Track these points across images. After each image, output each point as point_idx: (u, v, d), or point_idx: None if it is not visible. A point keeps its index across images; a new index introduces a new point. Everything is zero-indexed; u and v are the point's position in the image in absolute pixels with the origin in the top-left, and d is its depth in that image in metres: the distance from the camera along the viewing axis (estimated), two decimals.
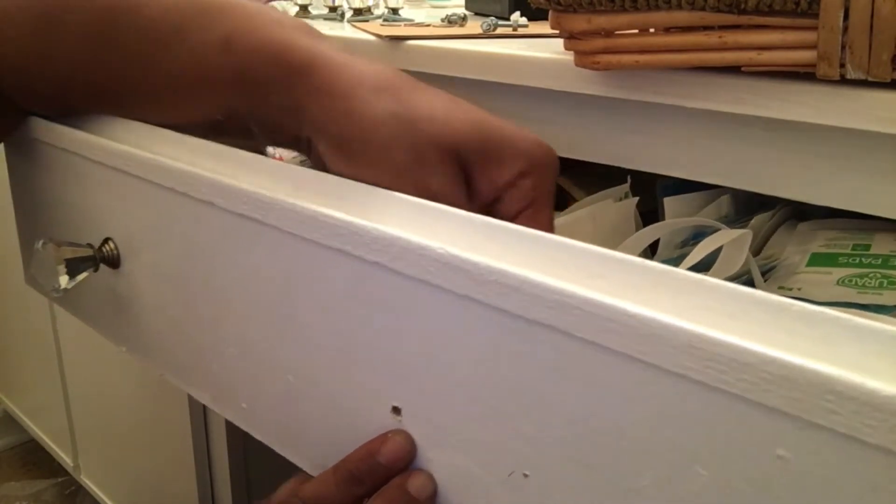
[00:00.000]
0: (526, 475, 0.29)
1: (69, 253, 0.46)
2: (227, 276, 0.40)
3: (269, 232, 0.36)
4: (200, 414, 1.05)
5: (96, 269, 0.47)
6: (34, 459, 1.75)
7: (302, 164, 0.43)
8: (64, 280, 0.45)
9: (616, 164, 0.48)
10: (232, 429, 1.02)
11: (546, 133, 0.42)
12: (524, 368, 0.28)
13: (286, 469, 0.38)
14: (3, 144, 0.55)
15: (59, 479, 1.68)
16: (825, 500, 0.22)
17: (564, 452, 0.28)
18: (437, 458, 0.32)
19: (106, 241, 0.47)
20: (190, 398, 1.04)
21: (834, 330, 0.23)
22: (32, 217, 0.56)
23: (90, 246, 0.47)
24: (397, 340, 0.32)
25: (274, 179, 0.37)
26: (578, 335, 0.25)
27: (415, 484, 0.33)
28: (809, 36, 0.36)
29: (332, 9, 0.79)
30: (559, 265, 0.28)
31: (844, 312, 0.23)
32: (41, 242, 0.46)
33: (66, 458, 1.54)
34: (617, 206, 0.55)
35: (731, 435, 0.23)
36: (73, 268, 0.46)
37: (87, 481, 1.49)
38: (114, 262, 0.47)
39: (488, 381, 0.29)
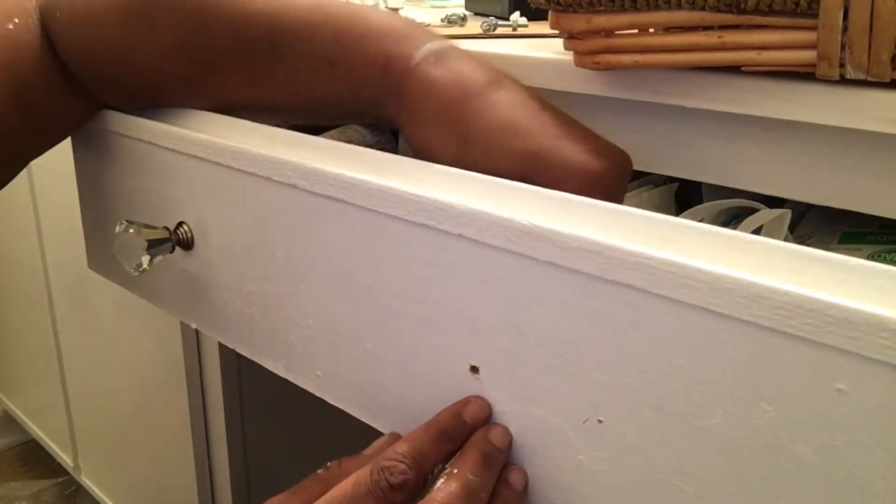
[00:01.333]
0: (601, 421, 0.32)
1: (150, 235, 0.49)
2: (306, 253, 0.43)
3: (352, 211, 0.39)
4: (200, 414, 1.05)
5: (172, 251, 0.50)
6: (34, 459, 1.74)
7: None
8: (145, 260, 0.49)
9: None
10: (232, 429, 1.02)
11: None
12: (600, 324, 0.31)
13: (287, 470, 0.39)
14: (71, 136, 0.58)
15: (59, 479, 1.68)
16: (879, 426, 0.25)
17: (638, 398, 0.30)
18: (515, 411, 0.35)
19: (180, 224, 0.51)
20: (190, 398, 1.04)
21: (885, 280, 0.26)
22: (100, 204, 0.59)
23: (166, 229, 0.50)
24: (478, 305, 0.35)
25: (351, 162, 0.40)
26: (655, 292, 0.28)
27: (496, 436, 0.36)
28: (809, 36, 0.36)
29: None
30: (635, 232, 0.31)
31: None
32: (123, 225, 0.49)
33: (66, 458, 1.54)
34: (658, 190, 0.57)
35: (795, 373, 0.26)
36: (153, 249, 0.49)
37: (87, 481, 1.49)
38: (188, 244, 0.51)
39: (566, 338, 0.32)
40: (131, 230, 0.48)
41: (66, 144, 0.60)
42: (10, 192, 1.47)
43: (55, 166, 1.23)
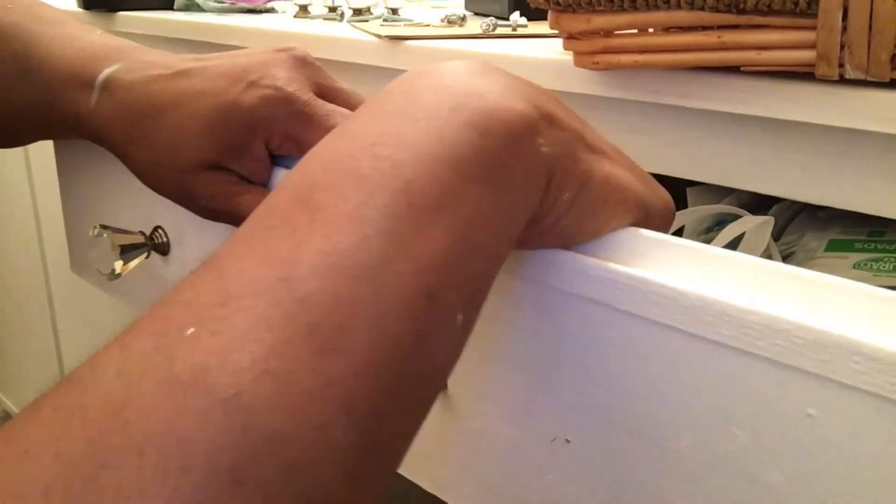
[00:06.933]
0: (568, 440, 0.31)
1: (123, 240, 0.48)
2: None
3: None
4: None
5: (148, 256, 0.50)
6: None
7: None
8: (119, 265, 0.48)
9: None
10: None
11: None
12: (568, 340, 0.30)
13: None
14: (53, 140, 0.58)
15: None
16: (851, 454, 0.23)
17: (606, 418, 0.29)
18: (482, 427, 0.34)
19: (156, 229, 0.50)
20: None
21: (858, 299, 0.24)
22: (82, 208, 0.59)
23: (142, 233, 0.50)
24: None
25: None
26: (622, 308, 0.27)
27: None
28: (808, 36, 0.36)
29: (332, 9, 0.79)
30: (601, 246, 0.30)
31: None
32: (96, 230, 0.48)
33: None
34: None
35: (765, 397, 0.25)
36: (127, 254, 0.48)
37: None
38: (164, 249, 0.50)
39: (533, 354, 0.31)
40: (104, 235, 0.48)
41: None
42: (10, 193, 1.47)
43: (55, 167, 1.23)
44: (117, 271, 0.48)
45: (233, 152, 0.39)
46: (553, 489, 0.32)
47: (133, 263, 0.49)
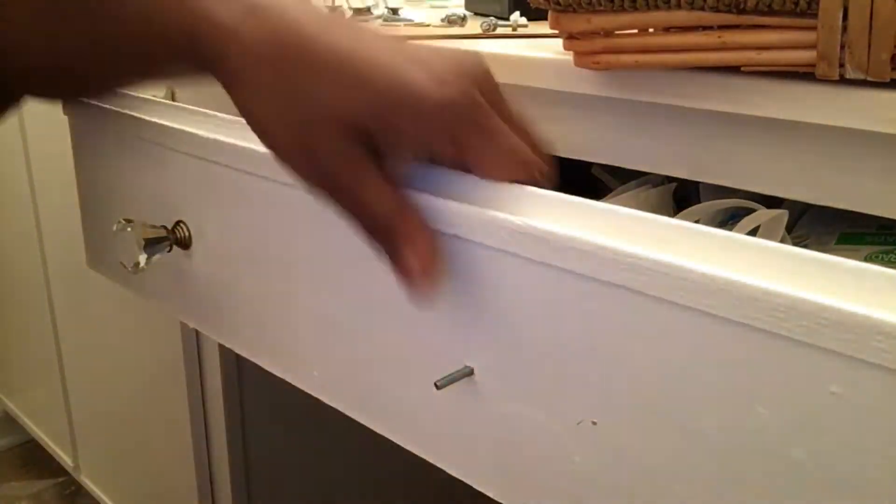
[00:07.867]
0: (594, 423, 0.32)
1: (148, 233, 0.49)
2: (299, 252, 0.43)
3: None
4: (200, 414, 1.05)
5: (170, 250, 0.50)
6: (34, 459, 1.74)
7: None
8: (143, 259, 0.49)
9: (616, 165, 0.48)
10: (232, 428, 1.02)
11: (546, 133, 0.42)
12: (595, 325, 0.31)
13: (287, 469, 0.39)
14: (71, 135, 0.56)
15: (59, 479, 1.68)
16: (874, 429, 0.25)
17: (632, 401, 0.30)
18: (509, 411, 0.35)
19: (178, 223, 0.51)
20: (190, 398, 1.04)
21: (879, 281, 0.25)
22: (100, 202, 0.60)
23: (164, 227, 0.50)
24: (474, 305, 0.35)
25: None
26: (649, 293, 0.28)
27: None
28: (808, 36, 0.36)
29: (332, 9, 0.79)
30: (630, 233, 0.30)
31: None
32: (121, 223, 0.49)
33: (66, 458, 1.54)
34: (656, 190, 0.57)
35: (790, 376, 0.26)
36: (151, 247, 0.49)
37: (87, 481, 1.49)
38: (185, 243, 0.50)
39: (560, 339, 0.32)
40: (129, 229, 0.49)
41: (66, 144, 0.60)
42: (10, 194, 1.47)
43: (55, 167, 1.23)
44: (141, 265, 0.49)
45: (391, 136, 0.35)
46: (579, 470, 0.33)
47: (156, 257, 0.50)
